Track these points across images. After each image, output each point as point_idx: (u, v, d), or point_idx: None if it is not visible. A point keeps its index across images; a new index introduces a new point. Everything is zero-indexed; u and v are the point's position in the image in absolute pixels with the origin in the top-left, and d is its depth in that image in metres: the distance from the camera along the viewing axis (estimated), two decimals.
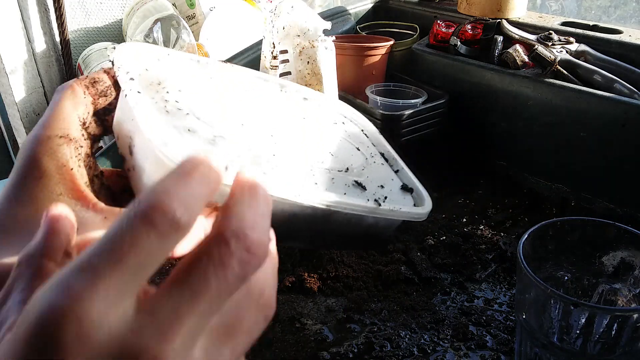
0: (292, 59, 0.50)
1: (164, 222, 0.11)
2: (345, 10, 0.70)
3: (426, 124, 0.57)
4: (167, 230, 0.11)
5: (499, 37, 0.56)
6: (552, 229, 0.35)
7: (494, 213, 0.52)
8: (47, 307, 0.10)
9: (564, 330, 0.32)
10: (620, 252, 0.36)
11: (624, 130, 0.47)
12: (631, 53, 0.51)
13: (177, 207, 0.11)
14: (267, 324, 0.14)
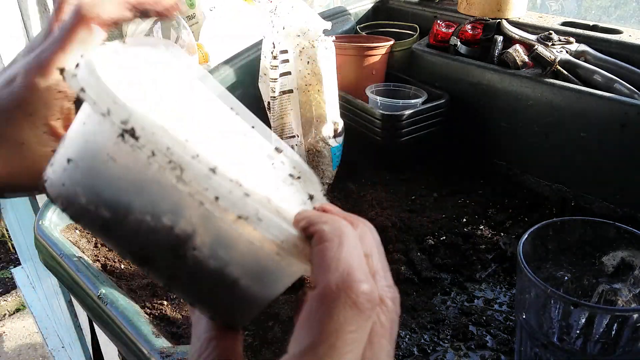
0: (292, 59, 0.50)
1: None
2: (345, 10, 0.70)
3: (426, 124, 0.57)
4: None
5: (499, 37, 0.56)
6: (552, 229, 0.35)
7: (494, 213, 0.52)
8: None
9: (564, 330, 0.32)
10: (620, 252, 0.36)
11: (624, 130, 0.47)
12: (631, 53, 0.51)
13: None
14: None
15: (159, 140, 0.14)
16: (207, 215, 0.15)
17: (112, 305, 0.34)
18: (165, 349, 0.31)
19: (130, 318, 0.33)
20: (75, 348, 1.00)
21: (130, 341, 0.32)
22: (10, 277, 1.59)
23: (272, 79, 0.50)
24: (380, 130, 0.56)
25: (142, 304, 0.38)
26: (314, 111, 0.52)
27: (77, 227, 0.46)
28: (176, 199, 0.15)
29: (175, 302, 0.40)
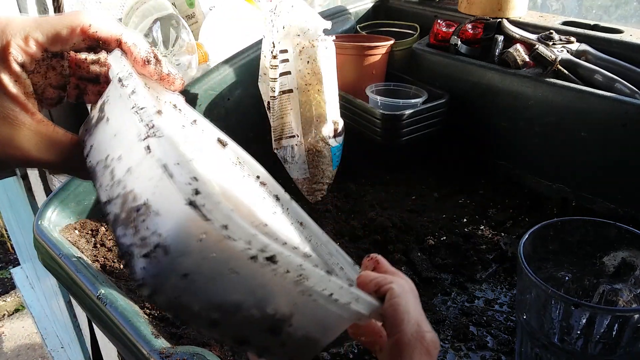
0: (292, 59, 0.50)
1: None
2: (345, 10, 0.70)
3: (426, 123, 0.57)
4: None
5: (499, 37, 0.56)
6: (553, 229, 0.35)
7: (494, 213, 0.52)
8: None
9: (564, 330, 0.32)
10: (621, 252, 0.36)
11: (625, 130, 0.47)
12: (632, 53, 0.51)
13: None
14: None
15: (293, 260, 0.17)
16: (309, 302, 0.19)
17: (112, 306, 0.34)
18: (164, 350, 0.31)
19: (129, 318, 0.33)
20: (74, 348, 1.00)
21: (130, 342, 0.32)
22: (10, 278, 1.59)
23: (272, 79, 0.50)
24: (381, 130, 0.55)
25: (141, 304, 0.38)
26: (314, 111, 0.52)
27: (76, 227, 0.46)
28: (288, 296, 0.18)
29: None
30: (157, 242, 0.16)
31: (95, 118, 0.22)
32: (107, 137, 0.20)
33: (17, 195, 0.96)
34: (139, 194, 0.17)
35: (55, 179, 0.71)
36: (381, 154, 0.59)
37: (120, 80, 0.20)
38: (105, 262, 0.42)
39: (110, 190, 0.19)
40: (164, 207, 0.17)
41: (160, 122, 0.18)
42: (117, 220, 0.18)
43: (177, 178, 0.16)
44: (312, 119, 0.52)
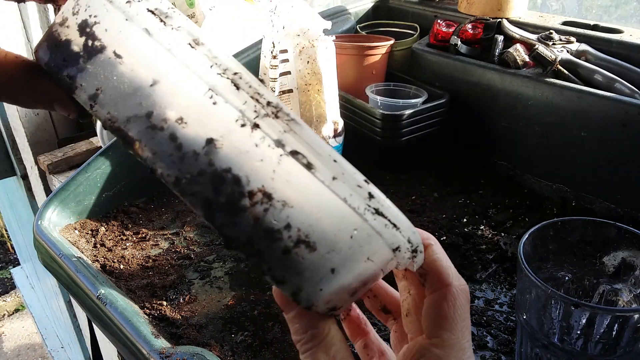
0: (292, 59, 0.50)
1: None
2: (345, 10, 0.70)
3: (426, 123, 0.57)
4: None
5: (499, 37, 0.56)
6: (553, 229, 0.35)
7: (494, 213, 0.52)
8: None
9: (564, 330, 0.32)
10: (621, 252, 0.36)
11: (625, 130, 0.47)
12: (632, 53, 0.51)
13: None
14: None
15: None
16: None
17: (111, 306, 0.34)
18: (164, 350, 0.31)
19: (129, 318, 0.33)
20: (75, 348, 1.00)
21: (130, 342, 0.32)
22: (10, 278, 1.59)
23: (272, 79, 0.50)
24: (381, 130, 0.55)
25: (141, 304, 0.38)
26: (313, 111, 0.52)
27: (76, 227, 0.46)
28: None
29: (175, 302, 0.39)
30: (298, 238, 0.16)
31: (83, 46, 0.17)
32: (132, 83, 0.17)
33: (17, 195, 0.96)
34: (245, 177, 0.16)
35: (55, 179, 0.71)
36: (381, 154, 0.59)
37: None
38: (105, 262, 0.43)
39: (182, 164, 0.17)
40: (298, 199, 0.16)
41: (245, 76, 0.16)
42: (210, 205, 0.17)
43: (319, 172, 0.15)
44: (312, 119, 0.52)
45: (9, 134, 0.85)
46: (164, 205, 0.52)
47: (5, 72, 0.18)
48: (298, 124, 0.17)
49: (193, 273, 0.43)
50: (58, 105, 0.20)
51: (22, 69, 0.19)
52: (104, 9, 0.17)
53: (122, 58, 0.17)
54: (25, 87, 0.19)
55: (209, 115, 0.17)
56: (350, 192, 0.17)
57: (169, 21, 0.17)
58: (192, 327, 0.37)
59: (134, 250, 0.45)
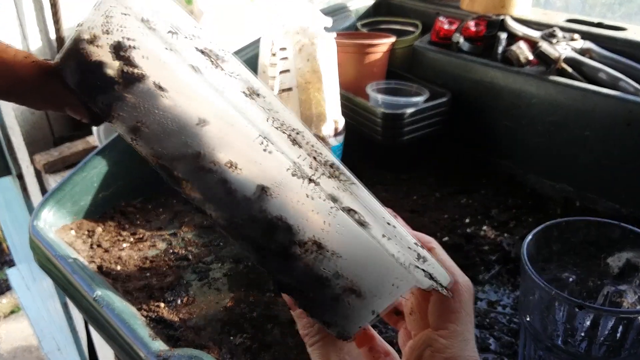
0: (292, 56, 0.49)
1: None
2: (345, 7, 0.69)
3: (428, 122, 0.56)
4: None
5: (502, 34, 0.55)
6: (557, 229, 0.35)
7: (497, 213, 0.51)
8: None
9: (568, 332, 0.32)
10: (625, 252, 0.36)
11: (629, 129, 0.46)
12: (636, 50, 0.50)
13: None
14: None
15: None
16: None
17: (108, 308, 0.33)
18: (162, 352, 0.30)
19: (126, 320, 0.32)
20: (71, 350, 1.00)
21: (127, 344, 0.32)
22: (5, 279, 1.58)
23: (271, 77, 0.49)
24: (382, 129, 0.55)
25: (138, 306, 0.37)
26: (313, 109, 0.51)
27: (72, 228, 0.45)
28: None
29: (172, 304, 0.39)
30: (347, 286, 0.17)
31: (119, 71, 0.16)
32: (178, 120, 0.16)
33: (13, 195, 0.95)
34: (297, 226, 0.17)
35: (51, 178, 0.70)
36: (382, 153, 0.58)
37: (148, 21, 0.15)
38: (102, 264, 0.42)
39: (233, 209, 0.17)
40: (348, 251, 0.17)
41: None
42: (261, 251, 0.17)
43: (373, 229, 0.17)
44: (312, 117, 0.52)
45: (4, 133, 0.85)
46: (161, 206, 0.52)
47: (14, 73, 0.18)
48: (357, 186, 0.18)
49: (191, 274, 0.42)
50: (70, 109, 0.19)
51: (32, 70, 0.18)
52: (141, 33, 0.16)
53: (166, 91, 0.16)
54: (35, 89, 0.18)
55: (262, 163, 0.17)
56: (400, 250, 0.18)
57: (223, 64, 0.16)
58: (190, 329, 0.36)
59: (131, 251, 0.44)
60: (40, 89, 0.18)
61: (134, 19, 0.16)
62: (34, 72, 0.18)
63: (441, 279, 0.20)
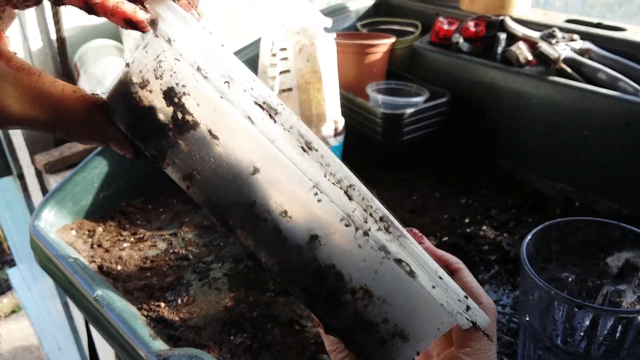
0: (292, 57, 0.49)
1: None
2: (345, 8, 0.69)
3: (428, 122, 0.56)
4: None
5: (502, 35, 0.56)
6: (556, 229, 0.35)
7: (497, 213, 0.51)
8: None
9: (567, 332, 0.32)
10: (625, 252, 0.36)
11: (629, 129, 0.46)
12: (636, 51, 0.50)
13: None
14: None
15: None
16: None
17: (109, 307, 0.33)
18: (162, 352, 0.30)
19: (127, 320, 0.33)
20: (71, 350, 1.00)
21: (127, 343, 0.32)
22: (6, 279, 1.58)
23: (272, 77, 0.49)
24: (382, 129, 0.55)
25: (139, 305, 0.37)
26: (313, 110, 0.51)
27: (72, 228, 0.46)
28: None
29: (173, 304, 0.39)
30: (394, 331, 0.18)
31: (172, 118, 0.16)
32: (232, 169, 0.16)
33: (14, 195, 0.95)
34: (348, 274, 0.18)
35: (52, 178, 0.70)
36: (382, 153, 0.58)
37: (201, 68, 0.15)
38: (102, 263, 0.42)
39: (286, 256, 0.17)
40: (397, 299, 0.18)
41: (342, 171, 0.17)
42: (312, 296, 0.18)
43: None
44: (312, 117, 0.52)
45: (5, 133, 0.85)
46: (161, 206, 0.52)
47: (62, 107, 0.17)
48: (406, 238, 0.18)
49: (191, 274, 0.42)
50: (114, 144, 0.18)
51: (79, 105, 0.17)
52: (194, 79, 0.16)
53: (220, 140, 0.16)
54: (81, 124, 0.17)
55: (314, 212, 0.17)
56: (447, 299, 0.19)
57: (277, 117, 0.16)
58: (190, 328, 0.36)
59: (132, 251, 0.45)
60: (86, 124, 0.17)
61: (186, 65, 0.16)
62: (81, 107, 0.17)
63: (482, 323, 0.21)
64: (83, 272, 0.36)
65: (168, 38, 0.15)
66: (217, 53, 0.16)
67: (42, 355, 1.29)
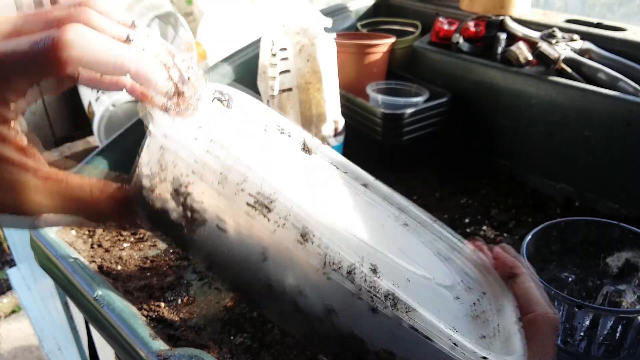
0: (292, 57, 0.49)
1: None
2: (345, 8, 0.69)
3: (428, 122, 0.56)
4: None
5: (502, 35, 0.56)
6: (556, 229, 0.35)
7: (497, 213, 0.51)
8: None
9: (567, 332, 0.32)
10: (624, 252, 0.36)
11: (629, 129, 0.46)
12: (636, 51, 0.50)
13: None
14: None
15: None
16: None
17: (109, 307, 0.33)
18: (162, 352, 0.30)
19: (127, 320, 0.33)
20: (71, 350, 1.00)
21: (127, 343, 0.32)
22: (6, 279, 1.58)
23: (271, 77, 0.49)
24: (382, 129, 0.55)
25: (139, 305, 0.37)
26: (313, 110, 0.51)
27: (72, 228, 0.45)
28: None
29: (173, 303, 0.39)
30: None
31: (184, 217, 0.17)
32: (244, 256, 0.18)
33: None
34: (368, 338, 0.19)
35: None
36: (382, 153, 0.58)
37: (199, 167, 0.16)
38: (102, 263, 0.42)
39: (309, 328, 0.19)
40: (418, 357, 0.19)
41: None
42: (336, 357, 0.19)
43: None
44: (312, 117, 0.52)
45: None
46: None
47: (90, 208, 0.18)
48: (417, 312, 0.19)
49: (191, 274, 0.42)
50: (140, 226, 0.20)
51: (107, 205, 0.18)
52: (196, 177, 0.17)
53: (228, 233, 0.17)
54: (110, 217, 0.19)
55: (326, 289, 0.18)
56: (464, 353, 0.20)
57: (272, 205, 0.17)
58: (190, 328, 0.36)
59: (132, 251, 0.45)
60: (114, 218, 0.19)
61: (185, 165, 0.16)
62: (109, 206, 0.18)
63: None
64: (83, 272, 0.36)
65: (164, 136, 0.16)
66: (214, 151, 0.17)
67: (42, 355, 1.29)
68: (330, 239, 0.17)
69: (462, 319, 0.23)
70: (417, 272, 0.23)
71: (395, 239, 0.24)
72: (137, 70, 0.16)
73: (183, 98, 0.17)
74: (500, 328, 0.22)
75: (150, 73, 0.16)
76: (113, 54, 0.16)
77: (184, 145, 0.16)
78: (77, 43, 0.15)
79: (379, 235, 0.23)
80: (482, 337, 0.21)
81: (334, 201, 0.22)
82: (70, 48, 0.15)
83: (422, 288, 0.22)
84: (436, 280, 0.23)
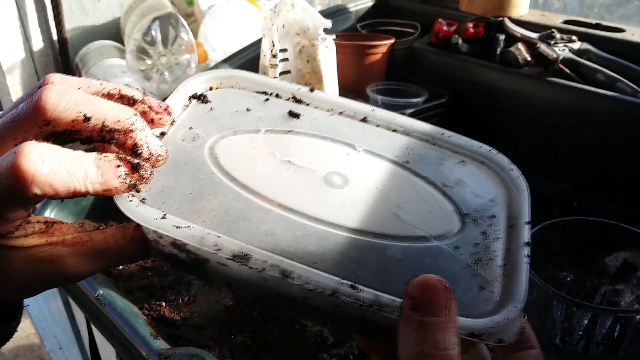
0: (292, 58, 0.49)
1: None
2: (345, 9, 0.69)
3: (427, 123, 0.56)
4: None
5: (501, 36, 0.56)
6: (555, 229, 0.35)
7: None
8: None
9: (566, 331, 0.32)
10: (623, 252, 0.36)
11: (628, 129, 0.46)
12: (634, 51, 0.51)
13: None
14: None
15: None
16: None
17: (110, 307, 0.34)
18: (163, 351, 0.30)
19: (128, 319, 0.33)
20: (73, 349, 1.00)
21: (128, 342, 0.32)
22: None
23: (272, 78, 0.49)
24: None
25: (140, 305, 0.38)
26: None
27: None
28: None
29: (174, 303, 0.39)
30: None
31: (189, 260, 0.19)
32: (250, 282, 0.19)
33: None
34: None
35: None
36: None
37: (180, 226, 0.18)
38: None
39: (336, 318, 0.19)
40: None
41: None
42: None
43: None
44: None
45: None
46: None
47: (116, 256, 0.20)
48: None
49: None
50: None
51: (131, 249, 0.20)
52: (191, 234, 0.18)
53: (228, 266, 0.19)
54: (135, 258, 0.20)
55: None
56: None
57: (250, 263, 0.18)
58: (191, 328, 0.37)
59: None
60: (139, 258, 0.20)
61: (171, 221, 0.18)
62: (132, 250, 0.20)
63: None
64: None
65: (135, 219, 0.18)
66: (181, 226, 0.18)
67: (43, 354, 1.30)
68: (308, 276, 0.18)
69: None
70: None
71: (391, 198, 0.22)
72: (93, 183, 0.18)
73: (142, 167, 0.19)
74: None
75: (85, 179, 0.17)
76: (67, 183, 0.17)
77: (157, 225, 0.18)
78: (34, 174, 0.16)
79: (374, 196, 0.22)
80: (481, 289, 0.19)
81: (313, 193, 0.21)
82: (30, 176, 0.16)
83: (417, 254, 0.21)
84: (433, 234, 0.21)
